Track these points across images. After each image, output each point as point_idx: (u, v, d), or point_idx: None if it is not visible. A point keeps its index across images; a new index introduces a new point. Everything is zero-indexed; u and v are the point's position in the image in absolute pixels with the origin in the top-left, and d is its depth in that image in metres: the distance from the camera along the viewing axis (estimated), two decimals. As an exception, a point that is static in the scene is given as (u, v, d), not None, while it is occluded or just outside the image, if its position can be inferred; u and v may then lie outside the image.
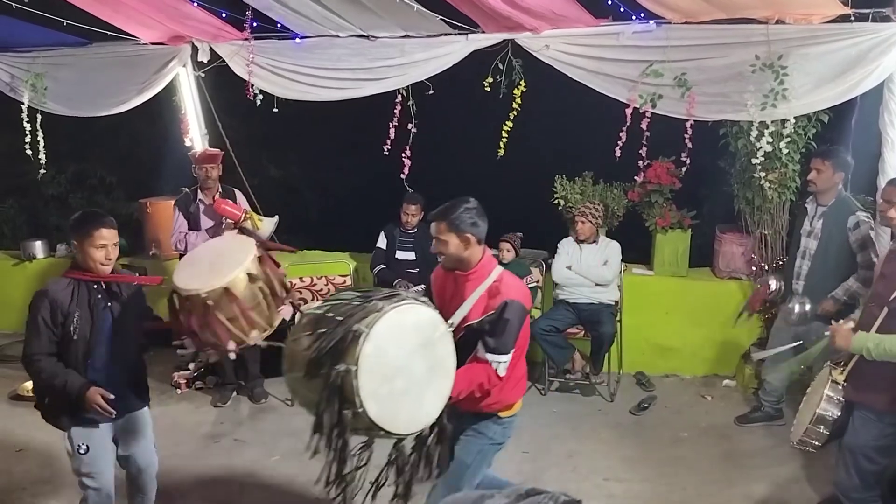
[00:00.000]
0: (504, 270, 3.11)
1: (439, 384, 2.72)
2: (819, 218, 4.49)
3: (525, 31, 4.93)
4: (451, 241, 3.02)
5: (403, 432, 2.67)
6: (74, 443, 3.36)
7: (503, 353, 2.95)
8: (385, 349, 2.49)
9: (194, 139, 6.05)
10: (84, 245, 3.18)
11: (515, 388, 3.22)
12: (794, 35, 4.53)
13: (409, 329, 2.62)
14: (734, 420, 5.08)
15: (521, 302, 3.00)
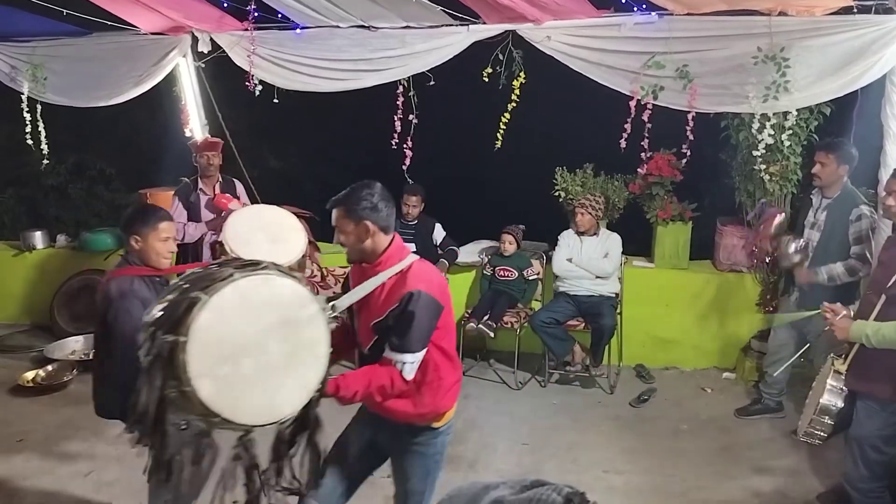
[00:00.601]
0: (418, 260, 2.75)
1: (304, 373, 2.33)
2: (823, 210, 4.49)
3: (527, 23, 4.91)
4: (349, 230, 2.71)
5: (247, 423, 2.22)
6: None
7: (407, 351, 2.60)
8: (227, 322, 2.13)
9: (194, 130, 6.03)
10: (149, 238, 3.15)
11: (448, 394, 2.84)
12: (797, 27, 4.51)
13: (263, 303, 2.23)
14: (734, 412, 5.09)
15: (430, 294, 2.62)
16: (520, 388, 5.60)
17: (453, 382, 2.87)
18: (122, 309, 3.02)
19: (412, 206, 5.84)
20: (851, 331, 3.28)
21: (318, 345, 2.39)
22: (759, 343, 5.59)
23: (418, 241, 5.90)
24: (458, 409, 3.27)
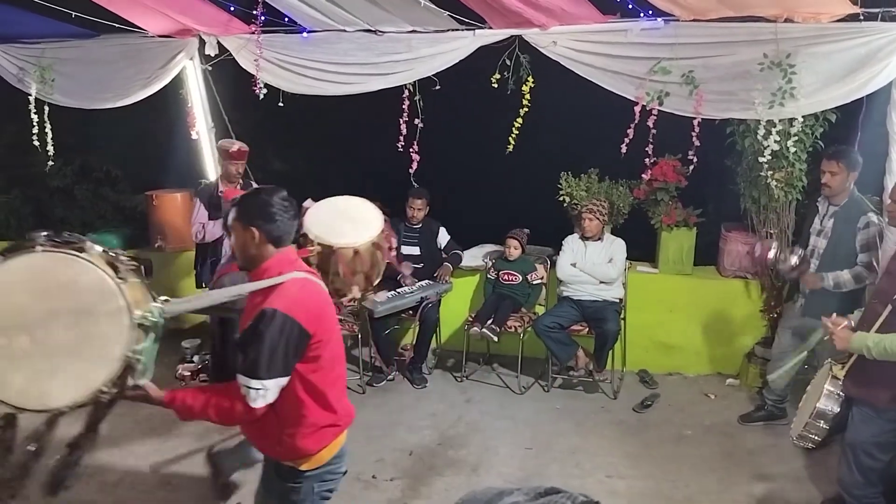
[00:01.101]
0: (300, 279, 2.51)
1: (86, 368, 2.16)
2: (830, 217, 4.49)
3: (533, 28, 4.92)
4: (238, 234, 2.56)
5: (9, 402, 2.14)
6: None
7: (252, 376, 2.35)
8: (9, 293, 2.10)
9: (200, 132, 6.05)
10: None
11: (312, 437, 2.55)
12: (803, 34, 4.51)
13: (58, 283, 2.15)
14: (737, 419, 5.09)
15: (291, 316, 2.38)
16: (523, 392, 5.61)
17: (324, 426, 2.57)
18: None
19: (417, 209, 5.85)
20: (852, 342, 3.28)
21: (110, 344, 2.18)
22: (763, 349, 5.58)
23: (422, 245, 5.91)
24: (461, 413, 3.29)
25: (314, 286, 2.57)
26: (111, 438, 4.75)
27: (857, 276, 4.32)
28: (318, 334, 2.47)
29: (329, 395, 2.56)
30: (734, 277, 5.83)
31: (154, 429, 4.91)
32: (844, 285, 4.34)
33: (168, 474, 4.34)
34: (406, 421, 5.08)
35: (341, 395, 2.67)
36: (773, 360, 4.92)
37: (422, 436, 4.88)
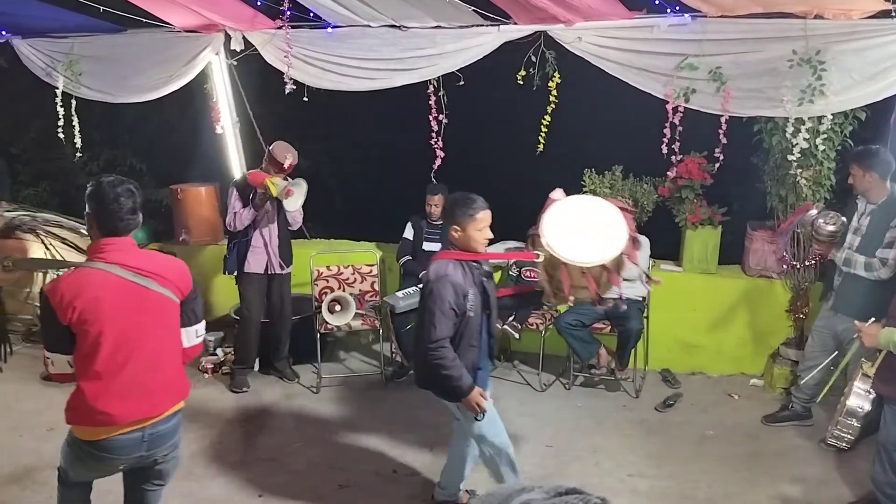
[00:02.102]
0: (87, 267, 2.71)
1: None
2: (867, 216, 4.42)
3: (558, 23, 4.89)
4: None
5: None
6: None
7: (44, 347, 2.78)
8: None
9: (225, 127, 6.09)
10: (468, 228, 3.39)
11: (77, 412, 2.80)
12: (833, 30, 4.45)
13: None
14: (761, 419, 5.03)
15: (47, 298, 2.64)
16: (544, 389, 5.59)
17: (91, 407, 2.74)
18: (434, 289, 3.34)
19: (435, 205, 5.83)
20: (880, 338, 3.25)
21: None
22: (787, 350, 5.52)
23: (444, 241, 5.90)
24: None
25: (99, 276, 2.67)
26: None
27: (868, 265, 4.26)
28: (84, 323, 2.64)
29: (91, 374, 2.72)
30: (759, 277, 5.77)
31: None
32: (853, 266, 4.31)
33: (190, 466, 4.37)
34: (426, 416, 5.08)
35: (125, 392, 2.75)
36: (806, 360, 4.86)
37: (443, 432, 4.87)
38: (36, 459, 4.40)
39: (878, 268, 4.22)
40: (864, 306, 4.17)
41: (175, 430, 2.96)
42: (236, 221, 5.27)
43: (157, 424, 2.85)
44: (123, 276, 2.69)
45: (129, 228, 2.74)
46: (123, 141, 9.05)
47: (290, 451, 4.60)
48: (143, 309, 2.74)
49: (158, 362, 2.85)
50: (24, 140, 8.96)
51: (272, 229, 5.38)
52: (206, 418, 5.00)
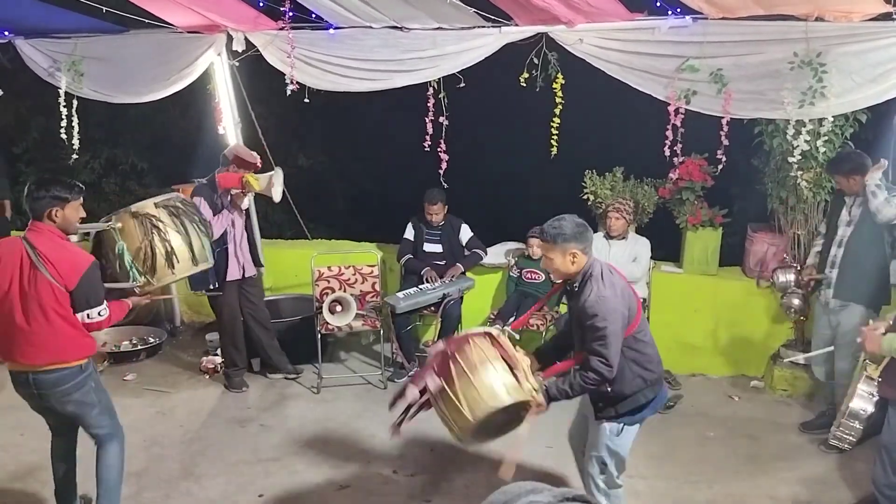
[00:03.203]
0: (17, 238, 3.50)
1: None
2: (858, 206, 4.54)
3: (559, 25, 4.90)
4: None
5: None
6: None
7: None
8: None
9: (227, 127, 6.10)
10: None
11: None
12: (834, 32, 4.45)
13: None
14: (799, 426, 4.97)
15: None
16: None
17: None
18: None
19: (434, 213, 5.84)
20: (883, 344, 3.26)
21: None
22: (788, 351, 5.53)
23: (445, 242, 5.91)
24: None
25: (17, 245, 3.42)
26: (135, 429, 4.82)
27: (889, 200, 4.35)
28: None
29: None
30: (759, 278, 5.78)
31: (178, 420, 4.96)
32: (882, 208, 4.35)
33: (191, 465, 4.38)
34: (427, 417, 5.08)
35: (5, 339, 3.42)
36: (814, 362, 4.89)
37: (443, 432, 4.86)
38: (38, 458, 4.40)
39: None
40: (866, 290, 4.43)
41: (60, 381, 3.46)
42: (215, 230, 4.92)
43: (38, 374, 3.43)
44: (28, 252, 3.35)
45: (35, 212, 3.44)
46: (126, 140, 9.08)
47: (291, 451, 4.60)
48: (31, 281, 3.32)
49: (37, 326, 3.35)
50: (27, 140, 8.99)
51: (239, 231, 5.33)
52: (206, 419, 5.01)
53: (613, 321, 3.08)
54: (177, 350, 6.26)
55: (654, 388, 3.35)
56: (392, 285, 6.31)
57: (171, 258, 3.73)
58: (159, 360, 6.07)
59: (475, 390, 2.89)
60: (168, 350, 6.24)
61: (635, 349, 3.25)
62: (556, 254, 3.17)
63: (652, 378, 3.31)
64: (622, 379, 3.22)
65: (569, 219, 3.20)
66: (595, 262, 3.25)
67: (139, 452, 4.50)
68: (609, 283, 3.16)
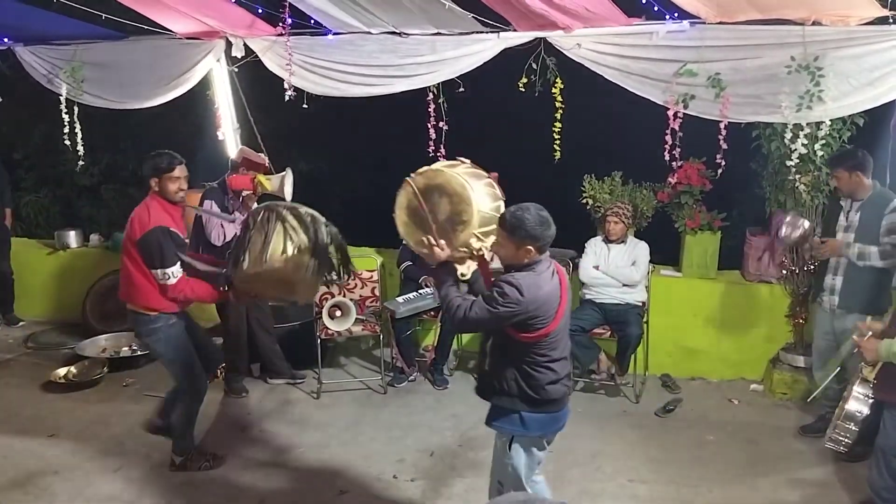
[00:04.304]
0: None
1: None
2: (856, 212, 4.49)
3: (557, 30, 4.91)
4: None
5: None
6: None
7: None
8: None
9: (226, 133, 6.11)
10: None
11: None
12: (831, 37, 4.47)
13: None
14: (798, 430, 4.98)
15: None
16: (544, 395, 5.59)
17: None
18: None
19: None
20: (880, 350, 3.28)
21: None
22: (787, 355, 5.54)
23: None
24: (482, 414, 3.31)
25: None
26: (136, 434, 4.82)
27: (884, 253, 4.30)
28: None
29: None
30: (759, 282, 5.79)
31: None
32: (868, 258, 4.34)
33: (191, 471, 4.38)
34: (427, 422, 5.10)
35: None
36: (815, 368, 4.88)
37: (443, 437, 4.89)
38: (38, 465, 4.41)
39: (891, 253, 4.29)
40: (871, 300, 4.37)
41: (135, 323, 4.12)
42: (226, 232, 5.05)
43: (127, 309, 4.14)
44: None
45: (145, 180, 4.22)
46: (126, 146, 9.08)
47: (291, 456, 4.60)
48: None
49: (123, 268, 4.04)
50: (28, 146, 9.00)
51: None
52: (206, 423, 5.01)
53: (511, 306, 2.89)
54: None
55: (544, 408, 3.10)
56: (391, 290, 6.32)
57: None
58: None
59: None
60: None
61: (533, 358, 3.04)
62: (510, 245, 3.02)
63: (542, 398, 3.08)
64: (510, 387, 3.07)
65: (534, 211, 3.03)
66: (545, 261, 3.08)
67: (139, 459, 4.51)
68: (538, 281, 2.97)
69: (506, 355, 3.08)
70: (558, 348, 3.09)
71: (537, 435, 3.17)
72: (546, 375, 3.06)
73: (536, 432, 3.16)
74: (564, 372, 3.14)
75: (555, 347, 3.07)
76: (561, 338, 3.10)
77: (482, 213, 3.12)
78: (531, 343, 3.00)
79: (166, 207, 4.07)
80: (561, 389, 3.13)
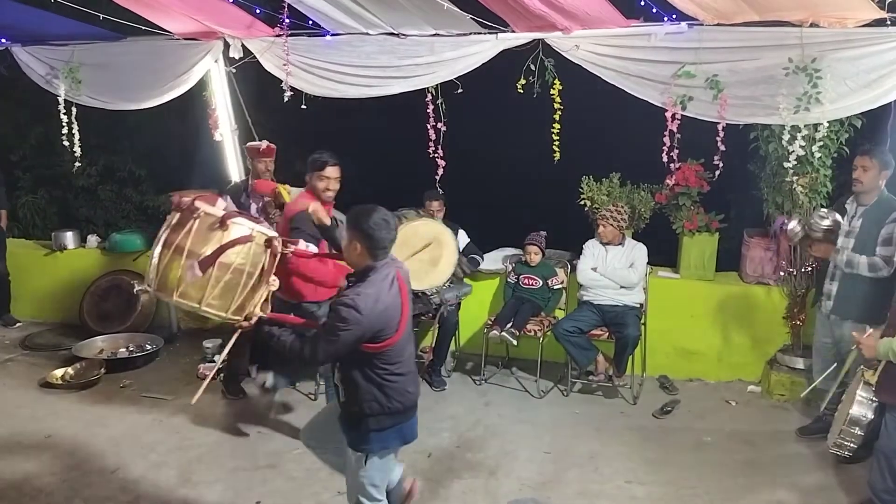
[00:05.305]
0: None
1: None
2: (859, 217, 4.45)
3: (555, 31, 4.92)
4: None
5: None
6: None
7: None
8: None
9: (224, 134, 6.10)
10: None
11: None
12: (829, 38, 4.48)
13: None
14: (796, 431, 4.96)
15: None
16: (542, 396, 5.59)
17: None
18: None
19: (435, 210, 5.85)
20: (879, 348, 3.27)
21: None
22: (785, 356, 5.54)
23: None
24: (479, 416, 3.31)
25: None
26: (133, 436, 4.81)
27: (873, 265, 4.26)
28: None
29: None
30: (756, 283, 5.79)
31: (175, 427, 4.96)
32: (856, 267, 4.30)
33: (188, 472, 4.37)
34: (424, 423, 5.04)
35: None
36: (815, 372, 4.87)
37: (440, 438, 4.88)
38: (35, 466, 4.40)
39: (882, 267, 4.24)
40: (866, 308, 4.26)
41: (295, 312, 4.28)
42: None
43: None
44: None
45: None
46: (123, 147, 9.06)
47: (289, 457, 4.59)
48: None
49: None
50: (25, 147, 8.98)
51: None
52: (203, 424, 5.00)
53: (352, 328, 2.84)
54: (174, 357, 6.25)
55: (395, 418, 3.08)
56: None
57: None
58: (156, 368, 6.06)
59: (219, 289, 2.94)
60: (165, 357, 6.23)
61: (381, 370, 3.01)
62: (349, 243, 2.99)
63: (393, 407, 3.05)
64: (359, 397, 3.02)
65: (377, 212, 2.96)
66: (386, 266, 3.01)
67: (137, 460, 4.50)
68: (377, 294, 2.91)
69: (355, 377, 3.03)
70: (404, 357, 3.08)
71: (393, 446, 3.17)
72: (397, 385, 3.05)
73: (393, 444, 3.15)
74: (413, 380, 3.15)
75: (401, 356, 3.06)
76: (406, 347, 3.09)
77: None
78: (375, 354, 2.97)
79: (314, 200, 4.43)
80: (411, 398, 3.14)
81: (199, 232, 2.92)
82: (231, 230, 2.96)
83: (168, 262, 2.92)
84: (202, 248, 2.89)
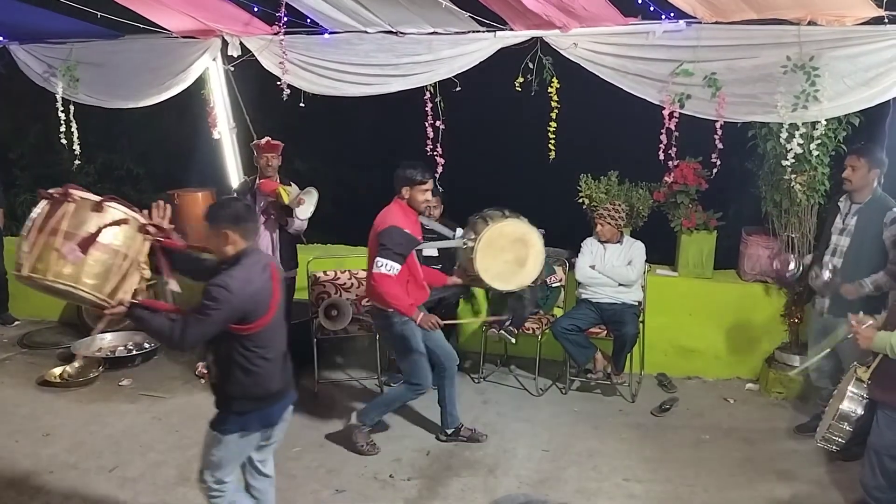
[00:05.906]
0: None
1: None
2: (853, 215, 4.44)
3: (553, 29, 4.92)
4: None
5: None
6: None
7: None
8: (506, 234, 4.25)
9: (222, 132, 6.10)
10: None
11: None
12: (827, 36, 4.48)
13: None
14: (793, 429, 4.98)
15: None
16: (540, 394, 5.60)
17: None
18: None
19: (433, 206, 5.82)
20: (875, 341, 3.27)
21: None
22: (783, 354, 5.54)
23: (441, 247, 5.90)
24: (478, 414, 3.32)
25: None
26: (131, 434, 4.81)
27: (894, 275, 4.23)
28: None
29: None
30: (754, 281, 5.80)
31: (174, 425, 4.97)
32: (885, 286, 4.26)
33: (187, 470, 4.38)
34: (423, 421, 5.09)
35: None
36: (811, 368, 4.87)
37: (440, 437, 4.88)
38: (33, 464, 4.40)
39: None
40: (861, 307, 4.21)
41: (373, 316, 4.79)
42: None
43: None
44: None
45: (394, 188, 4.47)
46: (121, 145, 9.06)
47: (288, 455, 4.59)
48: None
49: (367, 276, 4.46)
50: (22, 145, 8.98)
51: (275, 233, 5.42)
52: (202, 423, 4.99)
53: (222, 307, 2.90)
54: (172, 355, 6.25)
55: (257, 403, 3.13)
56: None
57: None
58: (155, 366, 6.07)
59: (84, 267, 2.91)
60: (163, 355, 6.23)
61: (250, 353, 3.06)
62: (213, 237, 3.09)
63: (257, 392, 3.11)
64: (225, 379, 3.10)
65: (230, 202, 3.31)
66: (258, 253, 3.16)
67: (135, 458, 4.50)
68: (249, 275, 3.01)
69: (223, 359, 3.08)
70: (274, 341, 3.15)
71: (252, 430, 3.19)
72: (263, 371, 3.10)
73: (253, 427, 3.18)
74: (281, 367, 3.21)
75: (271, 342, 3.13)
76: (276, 331, 3.17)
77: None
78: (244, 336, 3.02)
79: (406, 212, 4.43)
80: (277, 385, 3.18)
81: (76, 215, 2.95)
82: (108, 213, 3.01)
83: (44, 245, 2.91)
84: (79, 230, 2.92)
